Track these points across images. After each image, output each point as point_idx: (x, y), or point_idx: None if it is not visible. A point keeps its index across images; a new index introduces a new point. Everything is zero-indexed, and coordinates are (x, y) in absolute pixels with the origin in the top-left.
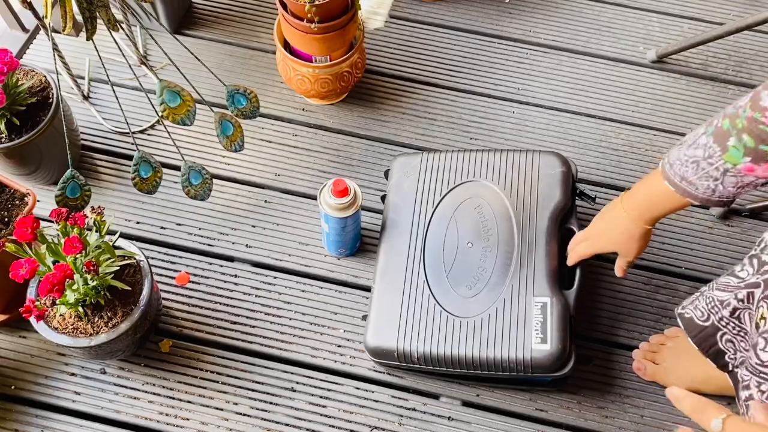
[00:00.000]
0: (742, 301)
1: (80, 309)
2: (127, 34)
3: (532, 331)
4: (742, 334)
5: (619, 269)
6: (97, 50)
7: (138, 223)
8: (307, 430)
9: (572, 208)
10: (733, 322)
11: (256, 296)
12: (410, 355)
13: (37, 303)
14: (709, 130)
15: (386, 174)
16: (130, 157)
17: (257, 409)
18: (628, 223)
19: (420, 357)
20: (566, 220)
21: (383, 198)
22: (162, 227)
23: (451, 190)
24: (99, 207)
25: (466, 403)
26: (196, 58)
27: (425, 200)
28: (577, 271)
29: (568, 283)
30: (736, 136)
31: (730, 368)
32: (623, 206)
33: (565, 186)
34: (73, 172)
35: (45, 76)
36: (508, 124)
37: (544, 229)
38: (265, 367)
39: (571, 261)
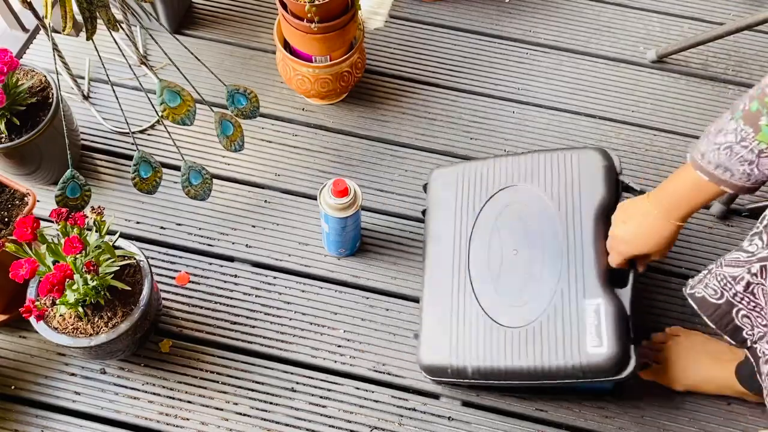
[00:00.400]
0: (756, 275)
1: (80, 309)
2: (127, 34)
3: (587, 335)
4: (757, 309)
5: (641, 266)
6: (97, 50)
7: (138, 223)
8: (307, 430)
9: (617, 203)
10: (748, 297)
11: (256, 296)
12: (464, 370)
13: (37, 303)
14: (737, 114)
15: (425, 188)
16: (130, 157)
17: (257, 409)
18: (661, 223)
19: (474, 371)
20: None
21: (424, 212)
22: (162, 227)
23: (490, 197)
24: (99, 207)
25: (466, 403)
26: (196, 58)
27: (466, 211)
28: (631, 270)
29: (621, 281)
30: (767, 115)
31: (749, 344)
32: (653, 206)
33: (609, 181)
34: (73, 172)
35: (45, 76)
36: (508, 124)
37: (591, 228)
38: (265, 367)
39: (613, 264)
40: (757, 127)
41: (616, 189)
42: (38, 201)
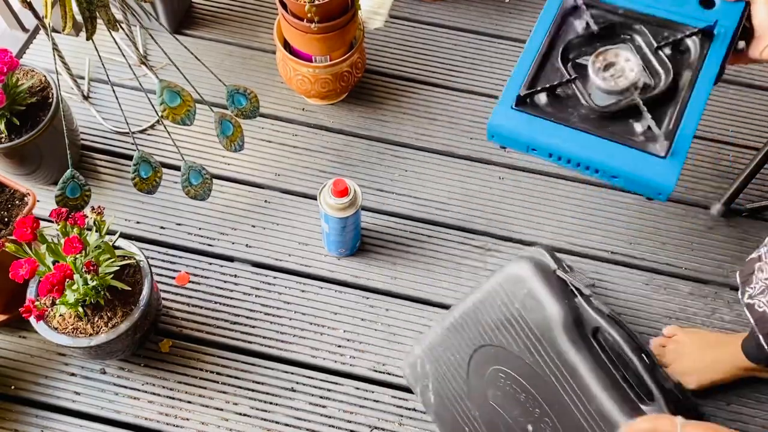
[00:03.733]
0: None
1: (80, 309)
2: (127, 34)
3: None
4: None
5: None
6: (97, 50)
7: (138, 223)
8: (307, 430)
9: (575, 305)
10: None
11: (256, 296)
12: None
13: (37, 303)
14: None
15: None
16: (130, 157)
17: (257, 409)
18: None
19: None
20: (585, 323)
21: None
22: (162, 227)
23: (469, 371)
24: (99, 207)
25: None
26: (196, 58)
27: (458, 400)
28: (651, 384)
29: (644, 390)
30: None
31: None
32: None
33: (550, 292)
34: (73, 172)
35: (45, 76)
36: None
37: (575, 358)
38: (265, 367)
39: None
40: None
41: (564, 290)
42: (38, 201)
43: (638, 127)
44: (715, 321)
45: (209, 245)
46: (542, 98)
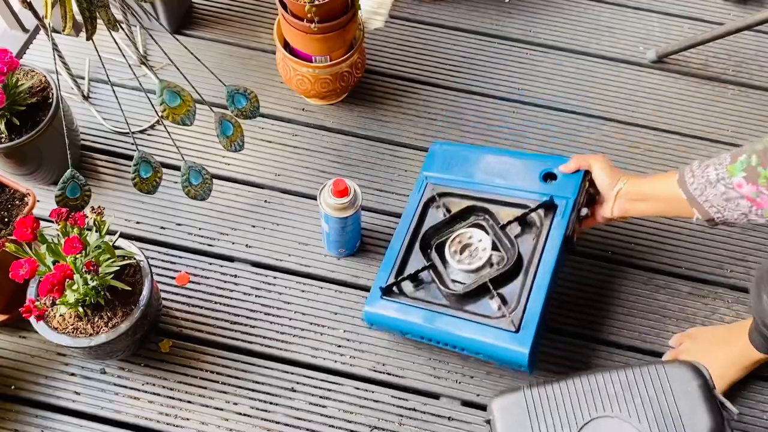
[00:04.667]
0: None
1: (80, 309)
2: (127, 34)
3: None
4: None
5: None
6: (97, 50)
7: (138, 223)
8: (307, 430)
9: (725, 426)
10: None
11: (256, 296)
12: None
13: (37, 303)
14: (733, 151)
15: (488, 422)
16: (130, 157)
17: (257, 409)
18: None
19: None
20: None
21: None
22: (162, 227)
23: (581, 430)
24: (99, 207)
25: (466, 403)
26: (196, 58)
27: None
28: None
29: None
30: (747, 154)
31: None
32: (623, 180)
33: (709, 403)
34: (73, 172)
35: (45, 76)
36: (508, 124)
37: None
38: (265, 367)
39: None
40: (734, 159)
41: (719, 411)
42: (38, 201)
43: (493, 304)
44: (714, 321)
45: (209, 245)
46: (408, 285)
